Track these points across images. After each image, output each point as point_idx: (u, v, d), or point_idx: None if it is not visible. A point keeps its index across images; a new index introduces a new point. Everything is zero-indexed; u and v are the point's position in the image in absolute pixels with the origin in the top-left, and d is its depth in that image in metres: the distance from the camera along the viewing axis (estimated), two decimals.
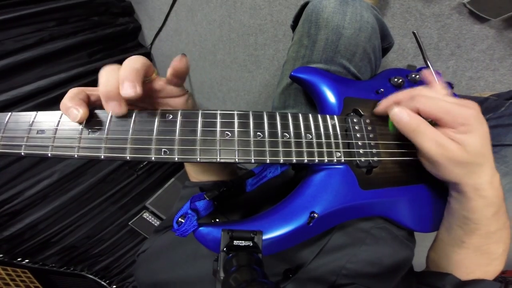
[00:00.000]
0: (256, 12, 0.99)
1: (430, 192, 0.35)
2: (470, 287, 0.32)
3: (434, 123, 0.29)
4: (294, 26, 0.49)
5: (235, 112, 0.28)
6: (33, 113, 0.25)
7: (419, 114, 0.29)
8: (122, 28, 1.28)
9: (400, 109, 0.29)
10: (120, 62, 0.24)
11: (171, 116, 0.26)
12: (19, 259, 1.09)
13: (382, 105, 0.34)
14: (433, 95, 0.29)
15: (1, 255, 1.04)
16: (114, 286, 1.38)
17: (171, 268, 0.35)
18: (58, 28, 1.06)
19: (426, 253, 0.39)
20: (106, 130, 0.25)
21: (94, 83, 0.26)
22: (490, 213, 0.30)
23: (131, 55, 0.25)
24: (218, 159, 0.26)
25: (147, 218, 1.33)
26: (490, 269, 0.33)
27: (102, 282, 1.35)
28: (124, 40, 1.33)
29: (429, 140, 0.28)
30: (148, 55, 1.44)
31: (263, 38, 1.04)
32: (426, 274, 0.38)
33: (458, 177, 0.29)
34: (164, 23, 1.30)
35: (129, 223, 1.32)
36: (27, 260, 1.11)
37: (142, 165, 1.31)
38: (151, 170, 1.40)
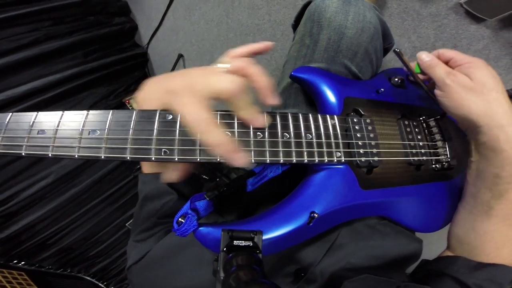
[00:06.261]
0: (254, 11, 0.99)
1: (430, 192, 0.35)
2: (486, 270, 0.30)
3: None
4: (295, 26, 0.49)
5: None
6: (33, 114, 0.25)
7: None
8: (118, 28, 1.27)
9: (424, 53, 0.36)
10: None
11: (171, 116, 0.26)
12: (15, 261, 1.08)
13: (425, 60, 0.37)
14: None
15: None
16: None
17: (174, 276, 0.34)
18: (54, 28, 1.05)
19: (426, 251, 0.39)
20: (106, 130, 0.24)
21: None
22: None
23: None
24: (218, 159, 0.26)
25: None
26: None
27: (100, 284, 1.34)
28: (121, 40, 1.32)
29: (441, 70, 0.34)
30: (144, 55, 1.43)
31: (261, 38, 1.04)
32: (430, 262, 0.36)
33: (475, 110, 0.31)
34: (161, 23, 1.29)
35: (126, 225, 1.31)
36: (23, 262, 1.10)
37: (138, 166, 1.30)
38: None
